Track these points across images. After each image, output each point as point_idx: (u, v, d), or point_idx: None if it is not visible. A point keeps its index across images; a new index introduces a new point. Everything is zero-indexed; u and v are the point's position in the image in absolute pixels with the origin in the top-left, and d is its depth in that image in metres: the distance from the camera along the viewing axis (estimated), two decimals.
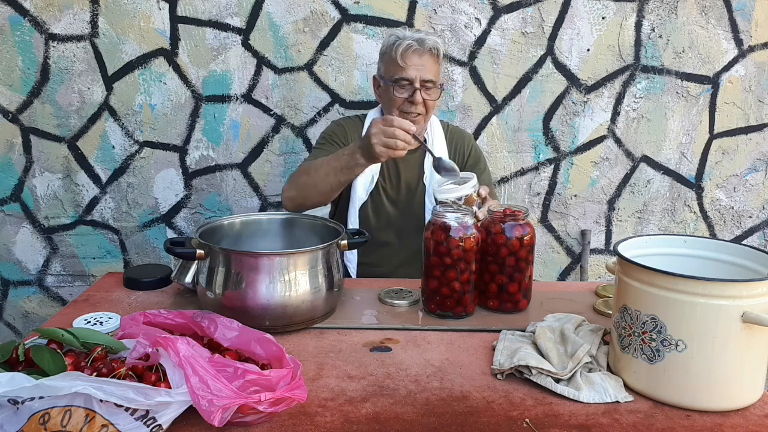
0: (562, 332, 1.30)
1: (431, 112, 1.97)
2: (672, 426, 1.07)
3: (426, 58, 1.88)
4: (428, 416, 1.09)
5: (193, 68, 2.52)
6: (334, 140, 2.00)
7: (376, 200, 2.00)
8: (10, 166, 2.59)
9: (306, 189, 1.79)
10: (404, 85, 1.88)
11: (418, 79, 1.87)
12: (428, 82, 1.88)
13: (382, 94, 1.98)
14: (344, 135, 2.02)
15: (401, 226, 2.01)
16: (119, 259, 2.70)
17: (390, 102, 1.93)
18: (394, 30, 1.96)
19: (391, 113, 1.92)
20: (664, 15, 2.50)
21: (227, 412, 0.96)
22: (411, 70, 1.86)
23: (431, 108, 1.94)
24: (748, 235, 2.72)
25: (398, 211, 2.01)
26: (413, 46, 1.86)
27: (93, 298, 1.60)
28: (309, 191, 1.79)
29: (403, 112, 1.91)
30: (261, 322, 1.34)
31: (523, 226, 1.50)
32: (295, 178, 1.85)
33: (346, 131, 2.03)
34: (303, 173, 1.82)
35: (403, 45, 1.86)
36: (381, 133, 1.57)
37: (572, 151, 2.63)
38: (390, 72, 1.90)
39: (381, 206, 2.00)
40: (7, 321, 2.75)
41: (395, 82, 1.88)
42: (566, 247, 2.73)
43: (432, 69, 1.89)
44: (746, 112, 2.61)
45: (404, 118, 1.89)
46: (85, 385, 0.90)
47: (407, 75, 1.87)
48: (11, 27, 2.46)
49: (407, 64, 1.86)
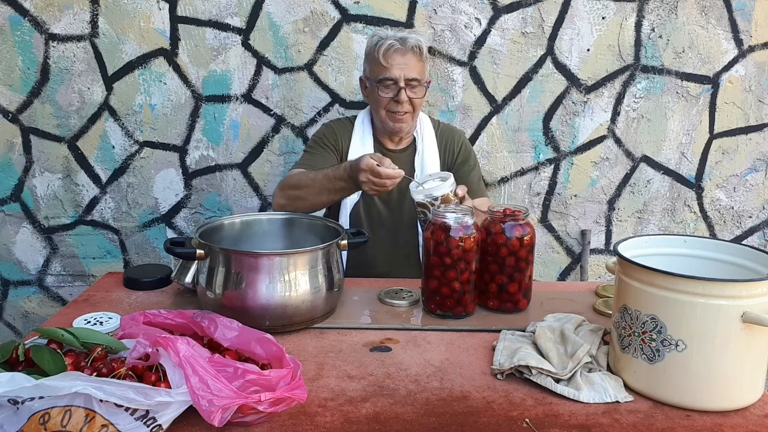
0: (562, 332, 1.30)
1: (419, 110, 1.98)
2: (672, 426, 1.07)
3: (409, 57, 1.89)
4: (428, 416, 1.09)
5: (193, 68, 2.52)
6: (325, 143, 2.02)
7: (368, 200, 2.01)
8: (10, 166, 2.59)
9: (297, 201, 1.82)
10: (389, 85, 1.90)
11: (402, 78, 1.88)
12: (413, 80, 1.90)
13: (368, 94, 2.00)
14: (334, 137, 2.03)
15: (393, 225, 2.02)
16: (119, 259, 2.70)
17: (376, 102, 1.94)
18: (376, 30, 1.99)
19: (379, 113, 1.95)
20: (664, 15, 2.50)
21: (227, 412, 0.96)
22: (394, 69, 1.88)
23: (418, 106, 1.96)
24: (748, 235, 2.72)
25: (390, 211, 2.02)
26: (395, 46, 1.88)
27: (93, 298, 1.60)
28: (300, 203, 1.82)
29: (390, 111, 1.93)
30: (261, 322, 1.34)
31: (523, 226, 1.50)
32: (285, 188, 1.86)
33: (335, 133, 2.04)
34: (294, 186, 1.83)
35: (385, 45, 1.88)
36: (370, 183, 1.62)
37: (572, 151, 2.63)
38: (374, 72, 1.92)
39: (372, 206, 2.02)
40: (7, 321, 2.75)
41: (380, 82, 1.90)
42: (566, 247, 2.73)
43: (416, 67, 1.91)
44: (746, 112, 2.61)
45: (391, 117, 1.94)
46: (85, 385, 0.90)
47: (391, 75, 1.89)
48: (11, 27, 2.46)
49: (390, 64, 1.88)
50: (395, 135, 2.00)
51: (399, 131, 1.97)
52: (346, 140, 2.02)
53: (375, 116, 2.01)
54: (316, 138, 2.06)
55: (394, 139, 2.03)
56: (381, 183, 1.61)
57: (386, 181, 1.61)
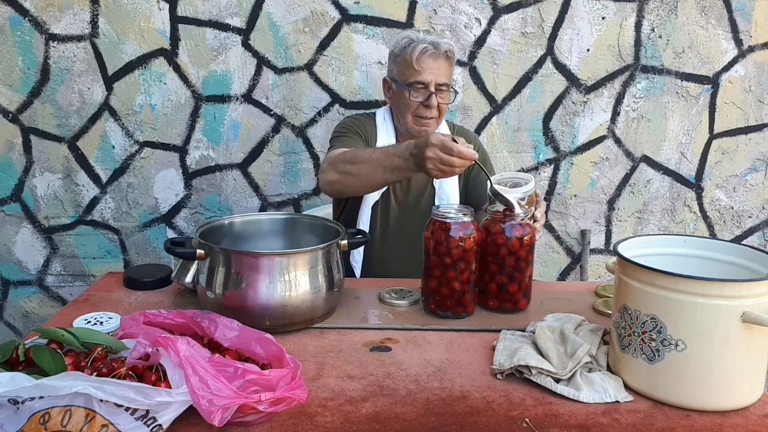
0: (562, 332, 1.30)
1: (444, 116, 1.94)
2: (672, 426, 1.07)
3: (441, 62, 1.85)
4: (428, 416, 1.09)
5: (193, 68, 2.52)
6: (356, 131, 1.95)
7: (386, 200, 1.98)
8: (10, 166, 2.59)
9: (349, 178, 1.70)
10: (419, 89, 1.85)
11: (433, 83, 1.84)
12: (443, 85, 1.86)
13: (394, 96, 1.94)
14: (363, 128, 1.96)
15: (407, 227, 2.00)
16: (119, 259, 2.70)
17: (404, 106, 1.89)
18: (406, 32, 1.90)
19: (405, 117, 1.90)
20: (664, 15, 2.51)
21: (227, 412, 0.96)
22: (426, 73, 1.83)
23: (444, 111, 1.91)
24: (748, 235, 2.72)
25: (404, 213, 2.00)
26: (429, 50, 1.82)
27: (93, 298, 1.60)
28: (351, 181, 1.70)
29: (417, 116, 1.88)
30: (261, 322, 1.34)
31: (523, 226, 1.50)
32: (338, 162, 1.72)
33: (364, 125, 1.98)
34: (347, 161, 1.70)
35: (418, 48, 1.82)
36: (438, 160, 1.46)
37: (572, 151, 2.63)
38: (405, 75, 1.86)
39: (389, 207, 1.99)
40: (7, 321, 2.75)
41: (410, 85, 1.85)
42: (566, 247, 2.73)
43: (446, 72, 1.87)
44: (746, 112, 2.61)
45: (418, 122, 1.88)
46: (85, 385, 0.90)
47: (423, 79, 1.83)
48: (11, 27, 2.46)
49: (423, 68, 1.83)
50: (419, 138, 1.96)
51: (423, 135, 1.93)
52: (373, 134, 1.96)
53: (399, 118, 1.95)
54: (345, 125, 1.97)
55: None
56: (450, 161, 1.44)
57: (456, 159, 1.43)
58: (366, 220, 1.97)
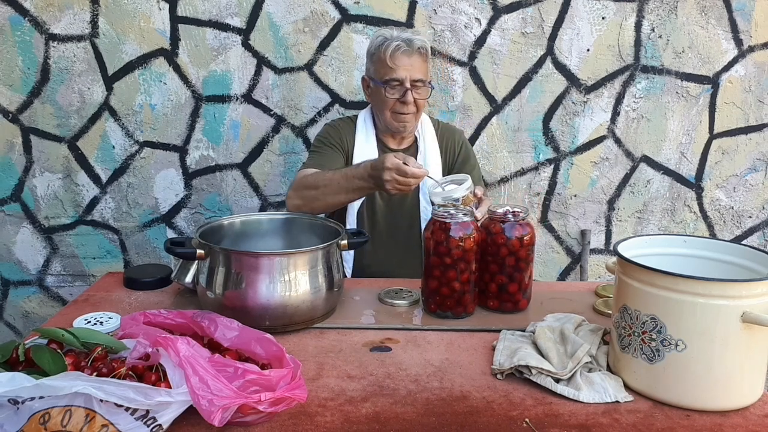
0: (562, 332, 1.30)
1: (422, 111, 1.99)
2: (672, 426, 1.07)
3: (415, 58, 1.89)
4: (428, 416, 1.09)
5: (193, 68, 2.52)
6: (331, 143, 2.01)
7: (371, 200, 2.01)
8: (10, 166, 2.59)
9: (314, 202, 1.79)
10: (395, 86, 1.90)
11: (408, 79, 1.88)
12: (418, 81, 1.90)
13: (372, 94, 2.00)
14: (339, 137, 2.02)
15: (394, 225, 2.02)
16: (119, 259, 2.70)
17: (382, 103, 1.94)
18: (381, 30, 1.96)
19: (383, 114, 1.95)
20: (664, 15, 2.50)
21: (227, 412, 0.96)
22: (401, 70, 1.88)
23: (422, 106, 1.96)
24: (748, 235, 2.72)
25: (391, 211, 2.02)
26: (402, 47, 1.87)
27: (93, 298, 1.60)
28: (316, 204, 1.80)
29: (395, 112, 1.93)
30: (261, 322, 1.34)
31: (523, 226, 1.50)
32: (301, 189, 1.82)
33: (340, 132, 2.03)
34: (310, 186, 1.80)
35: (392, 46, 1.87)
36: (394, 181, 1.60)
37: (572, 151, 2.63)
38: (380, 73, 1.91)
39: (375, 206, 2.02)
40: (7, 321, 2.75)
41: (386, 83, 1.90)
42: (566, 247, 2.73)
43: (421, 68, 1.91)
44: (746, 112, 2.61)
45: (396, 118, 1.94)
46: (85, 385, 0.90)
47: (398, 75, 1.88)
48: (11, 27, 2.46)
49: (397, 65, 1.88)
50: (398, 135, 2.01)
51: (403, 131, 1.98)
52: (350, 140, 2.02)
53: (378, 116, 2.00)
54: (321, 138, 2.05)
55: (397, 139, 2.04)
56: (406, 182, 1.60)
57: (411, 180, 1.59)
58: (353, 221, 2.01)
